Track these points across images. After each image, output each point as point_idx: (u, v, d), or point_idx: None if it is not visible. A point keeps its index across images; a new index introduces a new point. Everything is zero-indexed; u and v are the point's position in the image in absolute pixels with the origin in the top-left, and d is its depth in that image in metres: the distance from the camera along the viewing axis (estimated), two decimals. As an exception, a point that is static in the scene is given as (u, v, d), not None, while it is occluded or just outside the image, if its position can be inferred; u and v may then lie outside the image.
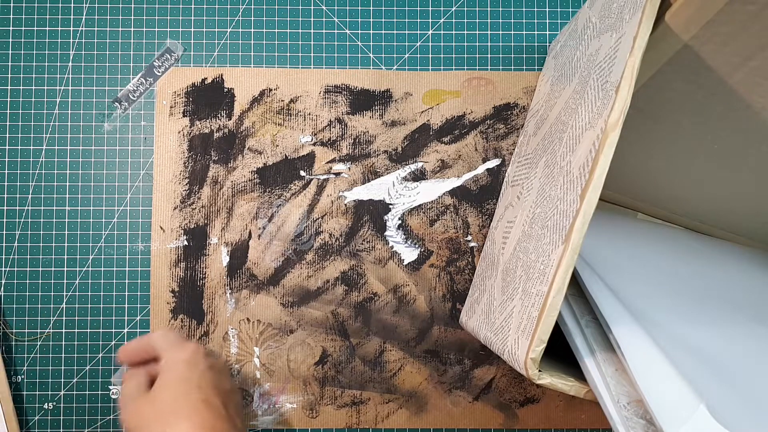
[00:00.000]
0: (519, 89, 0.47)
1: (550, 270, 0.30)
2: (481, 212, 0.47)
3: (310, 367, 0.47)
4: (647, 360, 0.30)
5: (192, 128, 0.47)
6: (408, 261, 0.47)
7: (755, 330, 0.39)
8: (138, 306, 0.47)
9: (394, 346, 0.47)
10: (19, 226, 0.47)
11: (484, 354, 0.47)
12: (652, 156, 0.42)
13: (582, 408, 0.47)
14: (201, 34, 0.47)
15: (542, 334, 0.29)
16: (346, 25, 0.48)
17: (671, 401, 0.28)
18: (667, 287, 0.40)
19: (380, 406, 0.47)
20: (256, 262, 0.47)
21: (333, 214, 0.47)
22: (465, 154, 0.47)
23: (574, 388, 0.30)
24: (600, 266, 0.37)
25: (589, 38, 0.37)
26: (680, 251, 0.45)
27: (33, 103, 0.47)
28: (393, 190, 0.47)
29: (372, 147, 0.47)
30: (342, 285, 0.47)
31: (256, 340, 0.47)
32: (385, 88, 0.47)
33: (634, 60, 0.29)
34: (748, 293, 0.43)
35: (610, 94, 0.30)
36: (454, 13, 0.48)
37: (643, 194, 0.46)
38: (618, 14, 0.33)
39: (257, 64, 0.47)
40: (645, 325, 0.32)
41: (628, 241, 0.44)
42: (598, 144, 0.29)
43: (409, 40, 0.48)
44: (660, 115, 0.38)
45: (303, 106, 0.47)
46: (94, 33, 0.47)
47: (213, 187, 0.47)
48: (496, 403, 0.47)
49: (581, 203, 0.29)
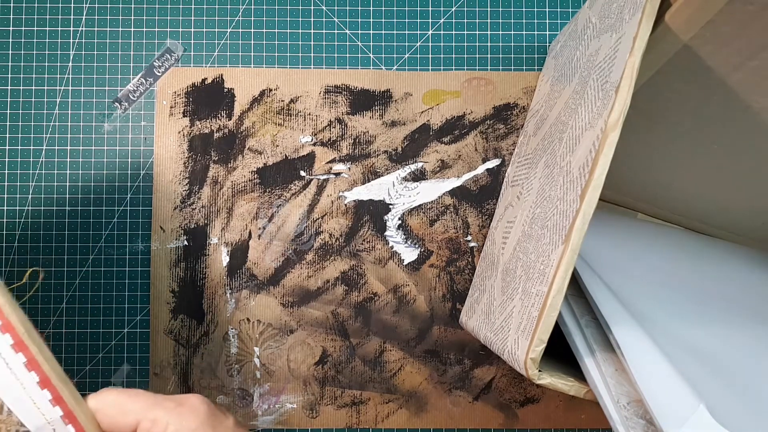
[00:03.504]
0: (519, 89, 0.47)
1: (550, 270, 0.30)
2: (481, 212, 0.47)
3: (310, 367, 0.47)
4: (647, 360, 0.30)
5: (192, 128, 0.47)
6: (408, 261, 0.47)
7: (755, 330, 0.39)
8: (138, 306, 0.47)
9: (394, 346, 0.47)
10: (19, 226, 0.47)
11: (484, 354, 0.47)
12: (652, 156, 0.42)
13: (582, 408, 0.47)
14: (201, 34, 0.47)
15: (542, 334, 0.29)
16: (346, 25, 0.48)
17: (671, 401, 0.28)
18: (667, 287, 0.40)
19: (380, 406, 0.47)
20: (256, 262, 0.47)
21: (333, 214, 0.47)
22: (465, 154, 0.47)
23: (574, 388, 0.30)
24: (600, 266, 0.37)
25: (589, 38, 0.37)
26: (680, 251, 0.45)
27: (33, 103, 0.47)
28: (393, 190, 0.47)
29: (372, 147, 0.47)
30: (342, 285, 0.47)
31: (256, 340, 0.47)
32: (385, 88, 0.47)
33: (634, 60, 0.29)
34: (748, 293, 0.43)
35: (610, 94, 0.30)
36: (454, 13, 0.48)
37: (643, 194, 0.46)
38: (618, 14, 0.33)
39: (257, 64, 0.47)
40: (645, 325, 0.32)
41: (628, 241, 0.44)
42: (598, 144, 0.29)
43: (409, 40, 0.48)
44: (660, 115, 0.38)
45: (303, 106, 0.47)
46: (94, 33, 0.47)
47: (213, 187, 0.47)
48: (496, 403, 0.47)
49: (581, 203, 0.29)
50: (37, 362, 0.28)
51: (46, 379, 0.28)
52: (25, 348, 0.27)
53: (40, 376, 0.27)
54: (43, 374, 0.28)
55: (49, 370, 0.28)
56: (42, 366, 0.28)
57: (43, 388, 0.28)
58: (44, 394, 0.28)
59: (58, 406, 0.28)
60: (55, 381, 0.28)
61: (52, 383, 0.28)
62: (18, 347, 0.27)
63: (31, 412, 0.28)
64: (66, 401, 0.28)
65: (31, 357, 0.27)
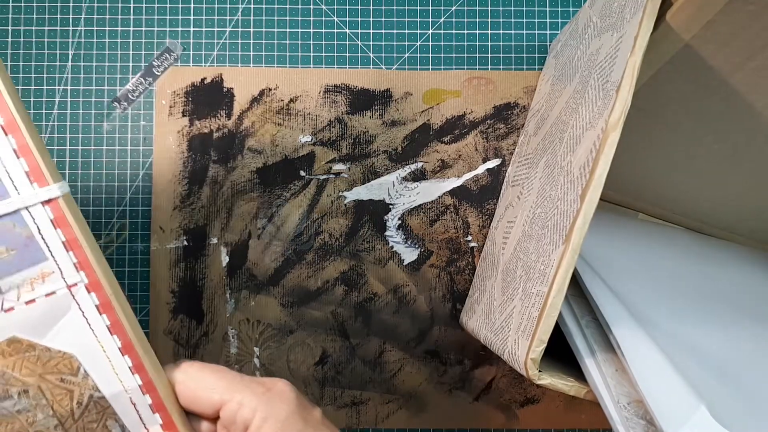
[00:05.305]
0: (519, 89, 0.47)
1: (550, 270, 0.30)
2: (481, 212, 0.47)
3: (310, 367, 0.47)
4: (647, 360, 0.30)
5: (191, 128, 0.47)
6: (408, 261, 0.47)
7: (755, 330, 0.39)
8: (137, 306, 0.47)
9: (394, 347, 0.47)
10: (18, 226, 0.46)
11: (484, 354, 0.47)
12: (653, 156, 0.42)
13: (582, 408, 0.47)
14: (200, 33, 0.47)
15: (542, 334, 0.29)
16: (346, 24, 0.48)
17: (671, 401, 0.28)
18: (667, 287, 0.40)
19: (380, 406, 0.47)
20: (256, 263, 0.47)
21: (333, 214, 0.47)
22: (465, 154, 0.47)
23: (574, 389, 0.30)
24: (600, 266, 0.37)
25: (589, 38, 0.37)
26: (681, 251, 0.45)
27: (32, 103, 0.47)
28: (393, 190, 0.47)
29: (372, 147, 0.47)
30: (342, 285, 0.47)
31: (256, 341, 0.47)
32: (385, 87, 0.47)
33: (635, 59, 0.29)
34: (749, 293, 0.43)
35: (610, 94, 0.30)
36: (454, 13, 0.48)
37: (643, 194, 0.46)
38: (619, 14, 0.33)
39: (257, 64, 0.47)
40: (645, 326, 0.32)
41: (628, 242, 0.44)
42: (599, 144, 0.29)
43: (409, 40, 0.48)
44: (660, 114, 0.38)
45: (303, 105, 0.47)
46: (93, 33, 0.47)
47: (213, 187, 0.47)
48: (496, 404, 0.47)
49: (582, 203, 0.29)
50: (121, 326, 0.26)
51: (128, 345, 0.26)
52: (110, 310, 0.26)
53: (123, 341, 0.26)
54: (126, 339, 0.26)
55: (133, 336, 0.26)
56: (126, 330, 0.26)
57: (125, 354, 0.26)
58: (125, 361, 0.26)
59: (137, 374, 0.26)
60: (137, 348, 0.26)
61: (134, 350, 0.26)
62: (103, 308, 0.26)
63: (109, 378, 0.26)
64: (147, 370, 0.26)
65: (115, 320, 0.26)
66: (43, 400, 0.26)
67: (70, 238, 0.25)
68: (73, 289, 0.25)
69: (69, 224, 0.24)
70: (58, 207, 0.24)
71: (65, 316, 0.25)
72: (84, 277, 0.25)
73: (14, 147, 0.23)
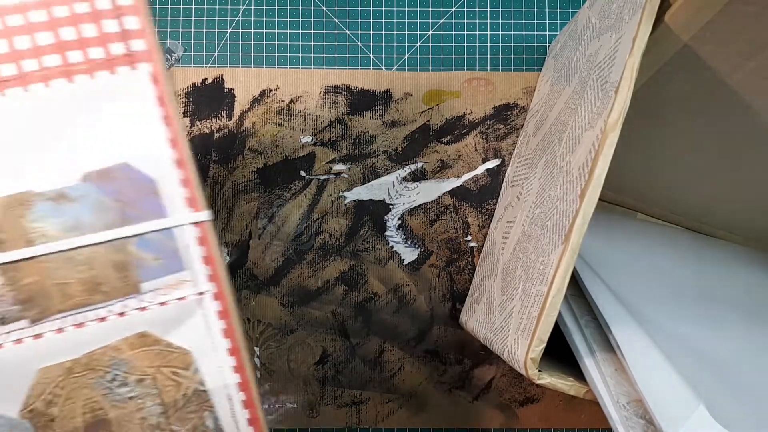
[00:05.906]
0: (519, 89, 0.48)
1: (549, 270, 0.30)
2: (481, 212, 0.47)
3: (311, 366, 0.47)
4: (647, 360, 0.30)
5: (192, 128, 0.47)
6: (408, 261, 0.47)
7: (754, 330, 0.39)
8: (138, 306, 0.47)
9: (394, 346, 0.47)
10: (19, 226, 0.47)
11: (484, 354, 0.47)
12: (652, 156, 0.42)
13: (582, 408, 0.47)
14: (201, 34, 0.47)
15: (542, 334, 0.29)
16: (346, 25, 0.48)
17: (671, 401, 0.28)
18: (666, 287, 0.40)
19: (380, 405, 0.47)
20: (256, 262, 0.47)
21: (333, 214, 0.47)
22: (465, 154, 0.47)
23: (574, 388, 0.31)
24: (599, 266, 0.37)
25: (588, 38, 0.37)
26: (680, 251, 0.45)
27: (33, 104, 0.47)
28: (393, 190, 0.47)
29: (372, 147, 0.47)
30: (342, 285, 0.47)
31: (257, 340, 0.47)
32: (385, 88, 0.47)
33: (634, 60, 0.29)
34: (748, 293, 0.43)
35: (609, 95, 0.30)
36: (454, 13, 0.48)
37: (642, 194, 0.46)
38: (618, 14, 0.33)
39: (257, 65, 0.47)
40: (644, 325, 0.32)
41: (627, 241, 0.44)
42: (598, 144, 0.29)
43: (409, 41, 0.48)
44: (660, 115, 0.38)
45: (303, 106, 0.47)
46: (94, 33, 0.47)
47: (213, 187, 0.47)
48: (496, 403, 0.47)
49: (581, 203, 0.29)
50: (233, 330, 0.30)
51: (236, 348, 0.30)
52: (227, 316, 0.30)
53: (232, 344, 0.30)
54: (235, 343, 0.30)
55: (240, 341, 0.30)
56: (236, 335, 0.30)
57: (231, 355, 0.30)
58: (231, 360, 0.30)
59: (237, 374, 0.30)
60: (242, 351, 0.30)
61: (240, 352, 0.30)
62: (222, 315, 0.29)
63: (215, 375, 0.29)
64: (246, 370, 0.30)
65: (229, 325, 0.30)
66: (155, 389, 0.29)
67: (207, 255, 0.29)
68: (201, 297, 0.29)
69: (209, 243, 0.29)
70: (204, 229, 0.29)
71: (190, 318, 0.29)
72: (213, 288, 0.29)
73: (180, 178, 0.28)
